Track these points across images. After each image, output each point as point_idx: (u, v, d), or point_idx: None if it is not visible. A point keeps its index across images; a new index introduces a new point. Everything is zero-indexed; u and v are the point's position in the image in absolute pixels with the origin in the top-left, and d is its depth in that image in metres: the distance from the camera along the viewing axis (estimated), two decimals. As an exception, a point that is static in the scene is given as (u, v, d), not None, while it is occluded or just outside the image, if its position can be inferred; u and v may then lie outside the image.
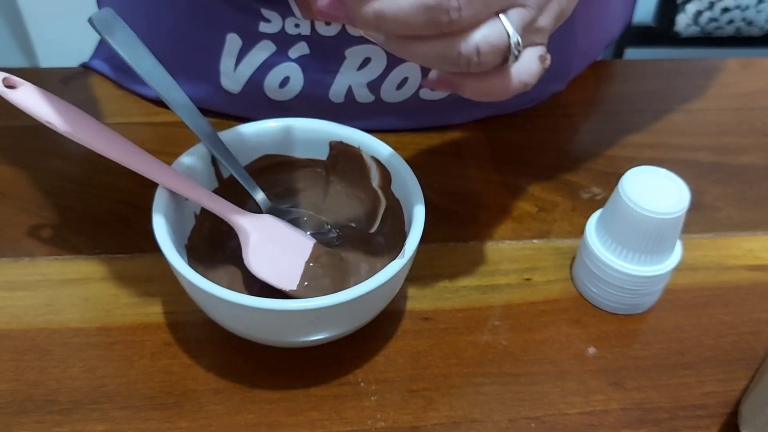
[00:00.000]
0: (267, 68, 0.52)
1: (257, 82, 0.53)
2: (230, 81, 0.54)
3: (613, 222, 0.43)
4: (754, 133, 0.59)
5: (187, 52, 0.53)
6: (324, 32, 0.50)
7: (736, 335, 0.45)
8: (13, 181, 0.52)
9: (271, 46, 0.51)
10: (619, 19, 0.67)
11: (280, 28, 0.50)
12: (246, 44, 0.51)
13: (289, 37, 0.51)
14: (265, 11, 0.50)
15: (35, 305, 0.44)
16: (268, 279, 0.41)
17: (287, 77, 0.53)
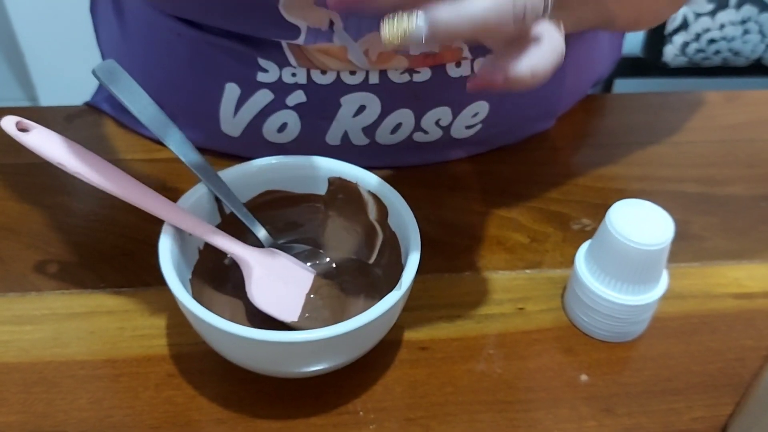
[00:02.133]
0: (265, 115, 0.54)
1: (256, 127, 0.55)
2: (230, 126, 0.56)
3: (602, 253, 0.45)
4: (739, 164, 0.61)
5: (186, 100, 0.55)
6: (320, 81, 0.52)
7: (723, 362, 0.46)
8: (20, 217, 0.53)
9: (269, 94, 0.53)
10: (607, 58, 0.69)
11: (278, 77, 0.52)
12: (244, 93, 0.53)
13: (286, 85, 0.52)
14: (263, 61, 0.52)
15: (43, 339, 0.46)
16: (270, 311, 0.43)
17: (285, 123, 0.54)
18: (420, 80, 0.53)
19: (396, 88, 0.53)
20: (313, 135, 0.55)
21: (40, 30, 1.43)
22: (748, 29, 1.19)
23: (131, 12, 0.56)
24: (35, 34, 1.44)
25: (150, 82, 0.50)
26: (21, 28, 1.44)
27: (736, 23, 1.18)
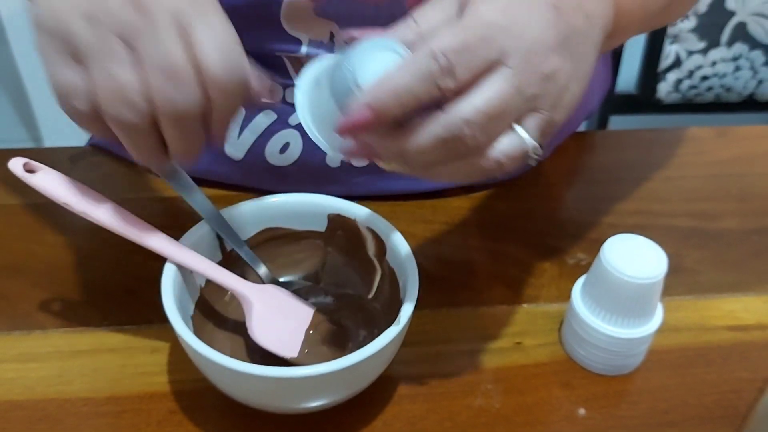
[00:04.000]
0: (269, 135, 0.56)
1: (259, 148, 0.56)
2: (233, 148, 0.57)
3: (597, 287, 0.45)
4: (731, 198, 0.62)
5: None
6: None
7: (719, 394, 0.47)
8: (25, 256, 0.54)
9: (272, 114, 0.55)
10: (597, 91, 0.70)
11: (281, 97, 0.54)
12: (248, 114, 0.55)
13: (289, 105, 0.54)
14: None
15: (47, 376, 0.46)
16: (270, 347, 0.43)
17: (287, 143, 0.56)
18: None
19: None
20: (313, 155, 0.56)
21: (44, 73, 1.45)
22: (740, 66, 1.21)
23: None
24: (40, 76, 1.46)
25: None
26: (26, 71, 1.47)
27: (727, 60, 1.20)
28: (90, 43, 0.35)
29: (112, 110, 0.35)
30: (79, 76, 0.36)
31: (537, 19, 0.35)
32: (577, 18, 0.37)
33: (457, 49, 0.33)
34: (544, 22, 0.35)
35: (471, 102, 0.34)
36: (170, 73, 0.34)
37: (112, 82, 0.34)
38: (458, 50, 0.33)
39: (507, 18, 0.34)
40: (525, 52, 0.34)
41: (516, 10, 0.35)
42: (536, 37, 0.35)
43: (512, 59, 0.34)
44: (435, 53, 0.33)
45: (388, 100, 0.33)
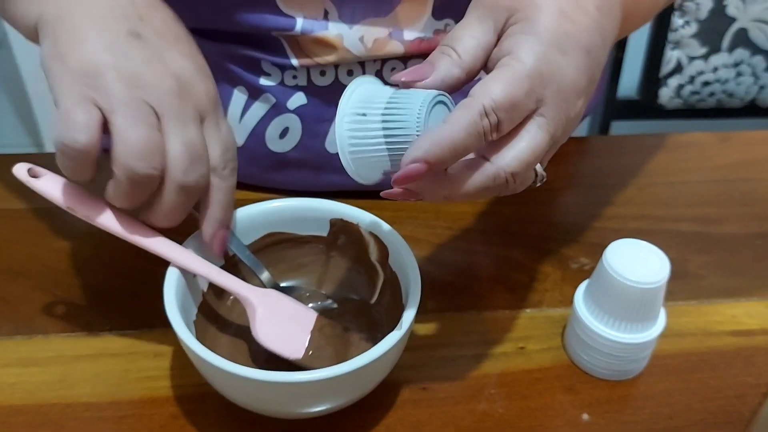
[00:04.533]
0: (268, 119, 0.57)
1: (259, 133, 0.58)
2: (235, 134, 0.57)
3: (600, 292, 0.45)
4: (734, 203, 0.62)
5: None
6: (319, 82, 0.55)
7: (723, 399, 0.47)
8: (27, 260, 0.54)
9: (271, 98, 0.56)
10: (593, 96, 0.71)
11: (280, 80, 0.55)
12: (250, 97, 0.56)
13: (287, 89, 0.55)
14: (265, 65, 0.55)
15: (48, 381, 0.46)
16: (275, 350, 0.43)
17: (286, 128, 0.57)
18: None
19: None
20: (313, 140, 0.57)
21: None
22: (741, 71, 1.21)
23: None
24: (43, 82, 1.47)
25: None
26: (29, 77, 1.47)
27: (729, 66, 1.21)
28: (123, 101, 0.39)
29: (129, 159, 0.39)
30: (96, 117, 0.39)
31: (572, 65, 0.37)
32: (603, 54, 0.39)
33: (506, 107, 0.35)
34: (577, 68, 0.37)
35: (515, 154, 0.36)
36: (189, 147, 0.40)
37: (137, 134, 0.39)
38: (506, 108, 0.35)
39: (547, 67, 0.36)
40: (559, 101, 0.37)
41: (553, 58, 0.36)
42: (569, 86, 0.37)
43: (547, 108, 0.36)
44: (486, 111, 0.34)
45: (443, 155, 0.34)
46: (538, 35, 0.36)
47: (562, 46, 0.36)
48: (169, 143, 0.40)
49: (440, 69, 0.37)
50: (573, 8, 0.37)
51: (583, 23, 0.37)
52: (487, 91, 0.35)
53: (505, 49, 0.37)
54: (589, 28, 0.37)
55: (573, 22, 0.37)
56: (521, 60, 0.36)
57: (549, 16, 0.36)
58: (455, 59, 0.37)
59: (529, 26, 0.36)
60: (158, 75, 0.40)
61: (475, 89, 0.35)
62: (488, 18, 0.38)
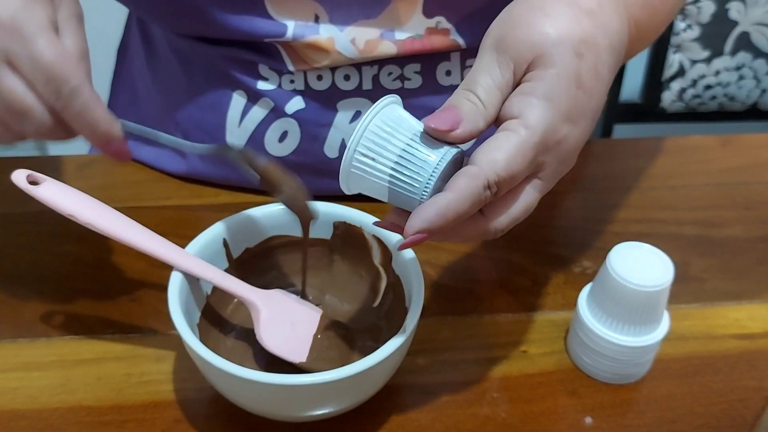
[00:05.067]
0: (267, 123, 0.57)
1: (259, 137, 0.58)
2: (235, 137, 0.58)
3: (603, 295, 0.45)
4: (736, 206, 0.62)
5: (200, 110, 0.59)
6: (316, 87, 0.55)
7: (726, 403, 0.47)
8: (30, 264, 0.54)
9: (270, 103, 0.56)
10: None
11: (277, 84, 0.55)
12: (249, 102, 0.57)
13: (285, 93, 0.56)
14: (263, 69, 0.55)
15: (50, 385, 0.46)
16: (279, 353, 0.43)
17: (285, 131, 0.57)
18: (411, 87, 0.56)
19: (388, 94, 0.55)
20: (312, 145, 0.57)
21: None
22: (743, 75, 1.21)
23: (158, 41, 0.61)
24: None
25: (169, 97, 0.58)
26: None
27: (731, 69, 1.21)
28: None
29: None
30: None
31: (577, 133, 0.37)
32: (602, 104, 0.39)
33: (507, 180, 0.36)
34: (582, 135, 0.38)
35: (509, 214, 0.37)
36: (9, 105, 0.39)
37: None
38: (508, 180, 0.36)
39: (553, 137, 0.36)
40: (558, 164, 0.38)
41: (561, 127, 0.36)
42: (572, 151, 0.38)
43: (546, 173, 0.38)
44: (489, 183, 0.35)
45: (445, 224, 0.35)
46: (551, 101, 0.36)
47: (571, 116, 0.37)
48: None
49: (468, 120, 0.37)
50: (590, 75, 0.37)
51: (596, 91, 0.37)
52: (493, 162, 0.35)
53: (515, 109, 0.37)
54: (599, 93, 0.38)
55: (586, 91, 0.37)
56: (529, 127, 0.36)
57: (564, 80, 0.36)
58: (481, 110, 0.37)
59: (543, 89, 0.36)
60: None
61: (480, 157, 0.35)
62: (508, 64, 0.37)
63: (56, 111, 0.40)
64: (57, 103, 0.39)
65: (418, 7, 0.52)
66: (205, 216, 0.48)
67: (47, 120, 0.40)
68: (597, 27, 0.37)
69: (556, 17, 0.37)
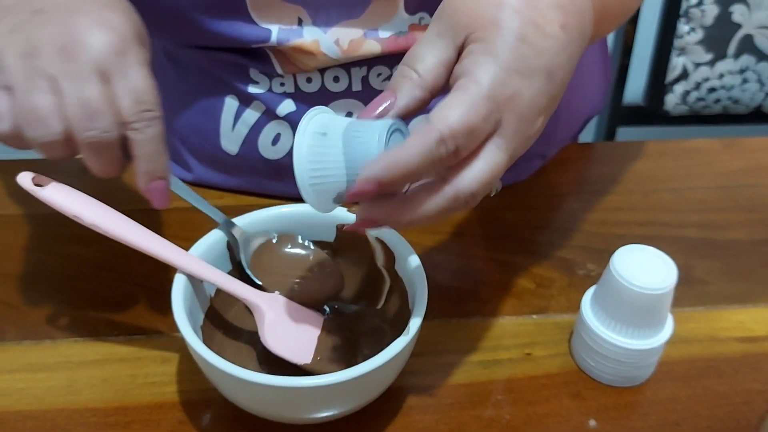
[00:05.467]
0: (259, 127, 0.57)
1: (252, 141, 0.58)
2: (229, 142, 0.59)
3: (607, 298, 0.45)
4: (739, 209, 0.62)
5: (195, 115, 0.59)
6: (306, 89, 0.56)
7: (730, 405, 0.47)
8: (35, 266, 0.55)
9: (261, 106, 0.57)
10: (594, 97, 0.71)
11: (268, 87, 0.56)
12: (241, 105, 0.57)
13: (276, 96, 0.56)
14: (253, 73, 0.56)
15: (56, 386, 0.46)
16: (284, 355, 0.44)
17: (278, 134, 0.57)
18: None
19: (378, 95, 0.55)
20: None
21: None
22: (747, 78, 1.21)
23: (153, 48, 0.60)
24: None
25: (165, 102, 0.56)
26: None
27: (734, 72, 1.21)
28: (16, 73, 0.39)
29: (29, 130, 0.39)
30: (4, 100, 0.40)
31: (531, 87, 0.36)
32: (568, 72, 0.38)
33: (463, 133, 0.34)
34: (537, 90, 0.37)
35: (473, 176, 0.36)
36: (85, 104, 0.39)
37: (31, 104, 0.39)
38: (464, 134, 0.34)
39: (504, 90, 0.36)
40: (518, 122, 0.36)
41: (511, 80, 0.36)
42: (528, 107, 0.36)
43: (505, 129, 0.36)
44: (444, 138, 0.34)
45: (395, 178, 0.34)
46: (495, 56, 0.36)
47: (520, 69, 0.36)
48: (64, 104, 0.39)
49: (403, 94, 0.37)
50: (534, 31, 0.36)
51: (545, 45, 0.37)
52: (444, 118, 0.34)
53: (463, 68, 0.36)
54: (551, 50, 0.37)
55: (533, 46, 0.36)
56: (478, 83, 0.35)
57: (508, 37, 0.36)
58: (416, 80, 0.37)
59: (487, 47, 0.36)
60: (49, 38, 0.40)
61: (433, 114, 0.35)
62: (448, 34, 0.37)
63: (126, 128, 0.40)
64: (136, 122, 0.40)
65: (400, 4, 0.52)
66: (209, 218, 0.48)
67: (113, 130, 0.40)
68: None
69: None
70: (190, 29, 0.53)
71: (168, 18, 0.53)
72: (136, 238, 0.43)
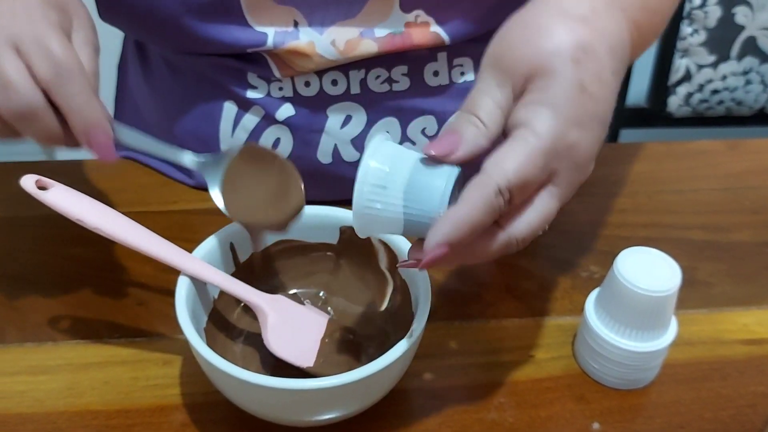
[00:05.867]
0: (259, 131, 0.57)
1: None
2: (229, 146, 0.58)
3: (610, 300, 0.45)
4: (743, 211, 0.62)
5: (194, 121, 0.59)
6: (305, 93, 0.56)
7: (735, 408, 0.46)
8: (37, 268, 0.55)
9: (260, 111, 0.56)
10: None
11: (266, 92, 0.56)
12: (240, 110, 0.57)
13: (275, 100, 0.56)
14: (251, 77, 0.55)
15: (57, 389, 0.46)
16: (287, 358, 0.43)
17: (278, 138, 0.57)
18: (399, 89, 0.56)
19: (377, 98, 0.55)
20: (305, 151, 0.58)
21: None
22: (750, 80, 1.21)
23: (152, 55, 0.61)
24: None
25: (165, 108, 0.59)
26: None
27: (738, 74, 1.20)
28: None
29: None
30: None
31: (587, 138, 0.37)
32: (612, 112, 0.39)
33: (520, 185, 0.35)
34: (593, 140, 0.37)
35: (526, 223, 0.37)
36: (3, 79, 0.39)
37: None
38: (520, 186, 0.35)
39: (563, 142, 0.36)
40: (572, 172, 0.37)
41: (569, 132, 0.36)
42: (584, 157, 0.37)
43: (560, 179, 0.37)
44: (501, 190, 0.35)
45: (463, 236, 0.35)
46: (554, 107, 0.36)
47: (578, 120, 0.36)
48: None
49: (468, 141, 0.37)
50: (592, 80, 0.37)
51: (601, 95, 0.37)
52: (502, 169, 0.35)
53: (521, 118, 0.37)
54: (606, 100, 0.37)
55: (591, 96, 0.37)
56: (537, 134, 0.36)
57: (567, 87, 0.36)
58: (482, 129, 0.37)
59: (546, 97, 0.36)
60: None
61: (489, 165, 0.35)
62: (507, 85, 0.37)
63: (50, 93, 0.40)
64: (54, 83, 0.40)
65: (395, 2, 0.52)
66: (211, 220, 0.48)
67: (35, 98, 0.40)
68: (592, 32, 0.37)
69: (548, 29, 0.37)
70: (185, 36, 0.53)
71: (163, 26, 0.53)
72: (139, 241, 0.43)
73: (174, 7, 0.51)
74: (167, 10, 0.52)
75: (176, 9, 0.51)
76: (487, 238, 0.37)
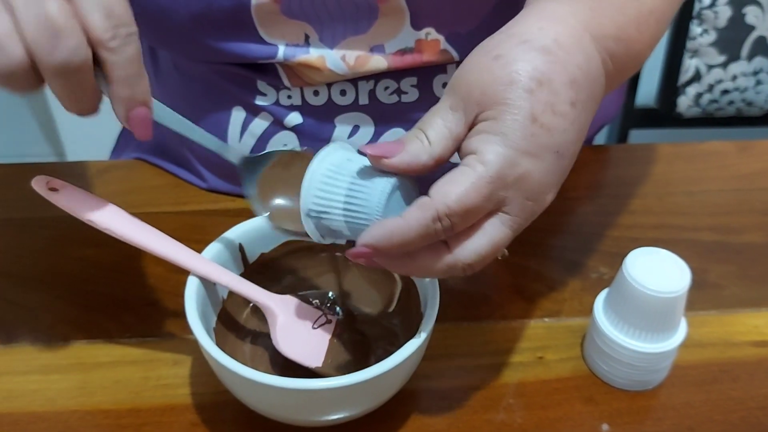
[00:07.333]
0: (267, 138, 0.57)
1: (259, 152, 0.57)
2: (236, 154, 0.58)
3: (620, 301, 0.45)
4: (754, 212, 0.62)
5: (202, 125, 0.59)
6: (313, 102, 0.56)
7: (745, 410, 0.46)
8: (48, 268, 0.55)
9: (269, 117, 0.57)
10: (612, 102, 0.70)
11: (275, 100, 0.56)
12: (248, 116, 0.57)
13: (283, 108, 0.56)
14: (261, 85, 0.55)
15: (68, 388, 0.47)
16: (296, 358, 0.44)
17: (285, 145, 0.57)
18: (408, 101, 0.55)
19: (386, 109, 0.55)
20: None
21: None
22: (761, 80, 1.20)
23: (162, 58, 0.61)
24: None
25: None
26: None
27: (748, 74, 1.20)
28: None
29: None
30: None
31: (539, 168, 0.37)
32: (576, 148, 0.39)
33: (460, 214, 0.35)
34: (546, 170, 0.37)
35: (474, 248, 0.37)
36: (45, 24, 0.34)
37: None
38: (461, 214, 0.35)
39: (512, 171, 0.36)
40: (524, 201, 0.37)
41: (519, 161, 0.36)
42: (536, 187, 0.37)
43: (512, 207, 0.37)
44: (440, 216, 0.35)
45: (391, 247, 0.36)
46: (504, 136, 0.36)
47: (529, 150, 0.36)
48: (21, 25, 0.34)
49: (409, 152, 0.37)
50: (544, 111, 0.36)
51: (555, 126, 0.37)
52: (444, 196, 0.35)
53: (471, 146, 0.37)
54: (561, 129, 0.37)
55: (542, 126, 0.36)
56: (485, 163, 0.35)
57: (519, 118, 0.36)
58: (426, 146, 0.37)
59: (497, 126, 0.36)
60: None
61: (434, 189, 0.36)
62: (459, 108, 0.37)
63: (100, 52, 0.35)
64: (111, 40, 0.35)
65: (406, 20, 0.52)
66: (221, 221, 0.48)
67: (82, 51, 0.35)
68: (552, 63, 0.37)
69: (506, 58, 0.37)
70: (196, 47, 0.53)
71: (175, 36, 0.53)
72: (150, 241, 0.43)
73: (186, 19, 0.51)
74: (179, 21, 0.52)
75: (188, 21, 0.51)
76: (432, 255, 0.37)
